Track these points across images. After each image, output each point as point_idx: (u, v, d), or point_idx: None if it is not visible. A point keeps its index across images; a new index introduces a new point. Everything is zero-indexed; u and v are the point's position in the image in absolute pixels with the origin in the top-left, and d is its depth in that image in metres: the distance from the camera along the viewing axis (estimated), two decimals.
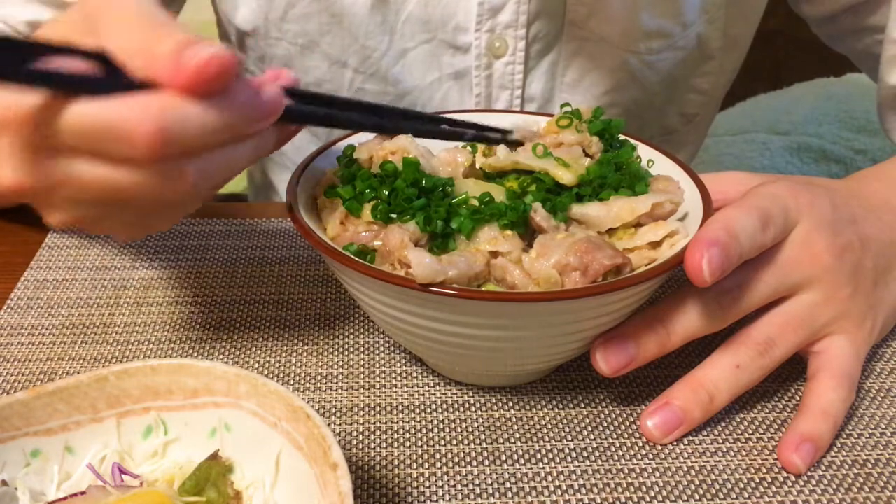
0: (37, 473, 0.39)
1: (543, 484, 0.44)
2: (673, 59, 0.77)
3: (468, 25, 0.71)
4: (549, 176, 0.48)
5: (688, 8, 0.73)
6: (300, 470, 0.37)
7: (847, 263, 0.47)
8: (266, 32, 0.75)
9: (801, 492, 0.43)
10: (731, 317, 0.46)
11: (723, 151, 1.37)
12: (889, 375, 0.52)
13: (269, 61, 0.78)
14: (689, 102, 0.83)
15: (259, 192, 1.00)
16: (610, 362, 0.45)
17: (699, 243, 0.42)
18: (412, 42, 0.73)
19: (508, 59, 0.73)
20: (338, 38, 0.73)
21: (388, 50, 0.73)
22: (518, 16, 0.70)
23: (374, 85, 0.75)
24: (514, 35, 0.71)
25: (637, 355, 0.45)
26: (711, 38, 0.77)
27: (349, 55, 0.74)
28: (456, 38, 0.72)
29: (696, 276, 0.42)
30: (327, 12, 0.72)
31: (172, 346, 0.53)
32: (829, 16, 0.75)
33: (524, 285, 0.42)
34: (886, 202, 0.52)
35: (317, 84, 0.76)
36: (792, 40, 1.61)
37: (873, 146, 1.29)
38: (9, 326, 0.55)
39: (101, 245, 0.63)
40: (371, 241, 0.45)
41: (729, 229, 0.43)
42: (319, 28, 0.73)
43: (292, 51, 0.75)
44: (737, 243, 0.43)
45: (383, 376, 0.51)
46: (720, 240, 0.42)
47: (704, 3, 0.74)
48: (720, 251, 0.42)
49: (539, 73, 0.75)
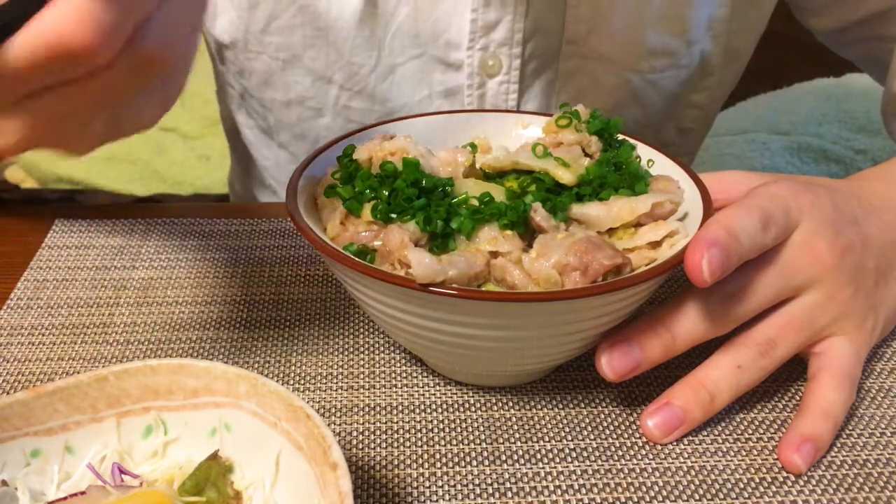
0: (37, 473, 0.39)
1: (543, 484, 0.44)
2: (676, 78, 0.74)
3: (461, 42, 0.68)
4: (548, 176, 0.48)
5: (694, 25, 0.71)
6: (300, 470, 0.37)
7: (848, 264, 0.47)
8: (246, 45, 0.71)
9: (801, 492, 0.43)
10: (736, 320, 0.46)
11: (723, 151, 1.37)
12: (889, 375, 0.52)
13: (248, 76, 0.75)
14: (685, 117, 0.81)
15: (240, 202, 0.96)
16: (615, 368, 0.45)
17: (699, 243, 0.42)
18: (401, 58, 0.69)
19: (502, 79, 0.69)
20: (322, 52, 0.70)
21: (377, 66, 0.70)
22: (513, 33, 0.67)
23: (360, 102, 0.72)
24: (509, 53, 0.68)
25: (642, 360, 0.45)
26: (714, 54, 0.75)
27: (334, 71, 0.70)
28: (447, 55, 0.69)
29: (696, 277, 0.42)
30: (311, 25, 0.68)
31: (172, 346, 0.53)
32: (837, 29, 0.73)
33: (524, 285, 0.42)
34: (887, 202, 0.52)
35: (299, 101, 0.73)
36: (792, 41, 1.61)
37: (873, 146, 1.29)
38: (9, 326, 0.55)
39: (101, 245, 0.63)
40: (371, 241, 0.45)
41: (729, 229, 0.42)
42: (303, 41, 0.69)
43: (273, 65, 0.71)
44: (737, 243, 0.42)
45: (383, 376, 0.51)
46: (720, 240, 0.42)
47: (710, 20, 0.72)
48: (720, 251, 0.41)
49: (534, 93, 0.72)
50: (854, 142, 1.32)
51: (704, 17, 0.71)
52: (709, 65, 0.76)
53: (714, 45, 0.74)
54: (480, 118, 0.58)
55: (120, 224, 0.66)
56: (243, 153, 0.86)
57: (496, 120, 0.57)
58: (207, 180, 1.69)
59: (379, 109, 0.72)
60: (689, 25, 0.71)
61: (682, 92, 0.77)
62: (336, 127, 0.74)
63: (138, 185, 1.69)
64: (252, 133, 0.82)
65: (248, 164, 0.88)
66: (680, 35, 0.71)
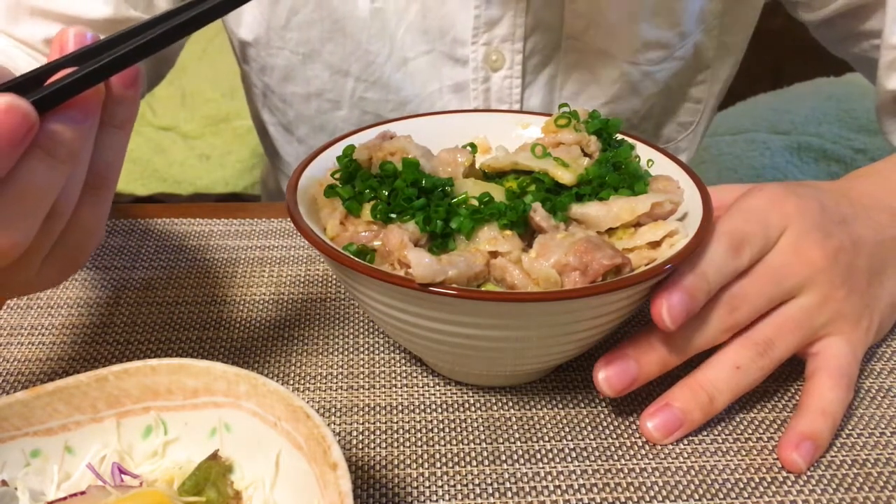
0: (37, 473, 0.39)
1: (543, 484, 0.44)
2: (671, 69, 0.77)
3: (465, 38, 0.71)
4: (548, 176, 0.48)
5: (686, 18, 0.73)
6: (300, 470, 0.37)
7: (840, 265, 0.47)
8: (268, 42, 0.75)
9: (801, 491, 0.43)
10: (732, 328, 0.46)
11: (723, 151, 1.37)
12: (889, 375, 0.52)
13: (269, 72, 0.78)
14: (684, 111, 0.83)
15: (272, 198, 1.00)
16: (612, 384, 0.45)
17: (661, 292, 0.43)
18: (412, 52, 0.73)
19: (506, 73, 0.73)
20: (339, 46, 0.73)
21: (390, 56, 0.73)
22: (515, 29, 0.70)
23: (375, 93, 0.75)
24: (511, 48, 0.71)
25: (639, 376, 0.45)
26: (707, 46, 0.77)
27: (351, 63, 0.74)
28: (454, 51, 0.72)
29: (660, 325, 0.43)
30: (329, 19, 0.72)
31: (172, 346, 0.53)
32: (825, 20, 0.75)
33: (523, 285, 0.42)
34: (877, 201, 0.52)
35: (318, 94, 0.76)
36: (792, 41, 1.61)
37: (873, 146, 1.30)
38: (9, 326, 0.55)
39: (101, 245, 0.63)
40: (371, 241, 0.45)
41: (696, 268, 0.44)
42: (321, 36, 0.73)
43: (294, 60, 0.75)
44: (703, 282, 0.44)
45: (383, 376, 0.51)
46: (683, 284, 0.43)
47: (702, 12, 0.74)
48: (681, 297, 0.43)
49: (537, 87, 0.74)
50: (854, 141, 1.32)
51: (696, 9, 0.74)
52: (703, 57, 0.78)
53: (707, 37, 0.77)
54: (481, 118, 0.58)
55: (120, 224, 0.66)
56: (271, 150, 0.90)
57: (497, 120, 0.57)
58: (207, 180, 1.69)
59: (393, 99, 0.75)
60: (682, 18, 0.73)
61: (680, 85, 0.79)
62: (353, 118, 0.77)
63: (138, 185, 1.68)
64: (275, 130, 0.85)
65: (275, 161, 0.92)
66: (673, 27, 0.73)
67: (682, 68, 0.77)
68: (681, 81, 0.79)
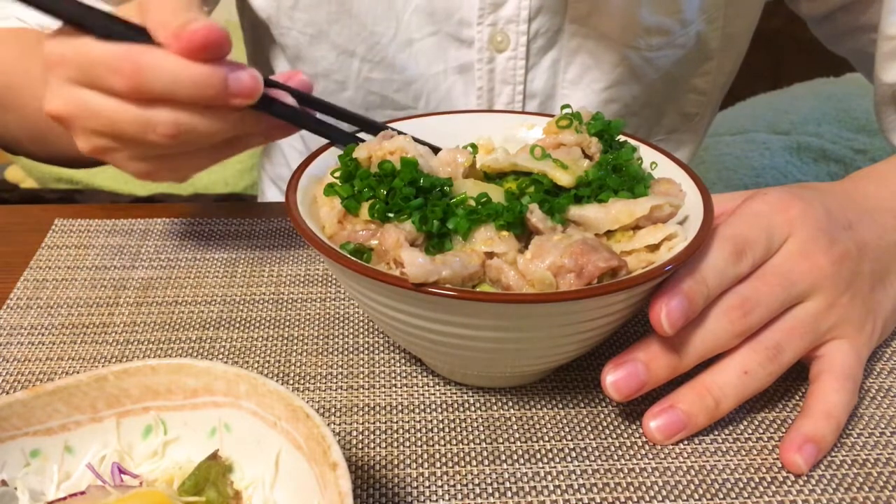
0: (36, 473, 0.39)
1: (543, 484, 0.44)
2: (672, 57, 0.77)
3: (471, 18, 0.72)
4: (547, 177, 0.48)
5: (687, 6, 0.74)
6: (300, 469, 0.37)
7: (845, 271, 0.47)
8: (277, 22, 0.76)
9: (801, 491, 0.43)
10: (743, 333, 0.46)
11: (723, 151, 1.37)
12: (889, 375, 0.52)
13: (280, 52, 0.79)
14: (688, 102, 0.83)
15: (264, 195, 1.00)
16: (621, 389, 0.45)
17: (660, 295, 0.43)
18: (418, 34, 0.73)
19: (510, 54, 0.73)
20: (346, 27, 0.74)
21: (396, 35, 0.73)
22: (519, 10, 0.71)
23: (380, 73, 0.76)
24: (516, 30, 0.72)
25: (648, 380, 0.45)
26: (711, 37, 0.78)
27: (357, 43, 0.74)
28: (460, 32, 0.73)
29: (659, 330, 0.43)
30: (336, 0, 0.72)
31: (172, 346, 0.53)
32: (824, 14, 0.76)
33: (518, 286, 0.42)
34: (880, 203, 0.52)
35: (325, 74, 0.77)
36: (792, 40, 1.61)
37: (873, 146, 1.30)
38: (8, 326, 0.55)
39: (101, 245, 0.63)
40: (368, 241, 0.45)
41: (695, 273, 0.44)
42: (328, 17, 0.73)
43: (302, 40, 0.76)
44: (702, 287, 0.44)
45: (383, 376, 0.51)
46: (682, 289, 0.43)
47: (703, 2, 0.74)
48: (680, 302, 0.43)
49: (541, 69, 0.75)
50: (854, 141, 1.32)
51: None
52: (707, 48, 0.78)
53: (710, 27, 0.77)
54: (486, 118, 0.58)
55: (120, 224, 0.66)
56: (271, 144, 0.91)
57: (497, 120, 0.57)
58: (207, 180, 1.69)
59: (398, 79, 0.76)
60: (683, 4, 0.74)
61: (682, 74, 0.80)
62: (358, 99, 0.78)
63: (138, 185, 1.68)
64: None
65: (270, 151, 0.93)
66: (673, 14, 0.74)
67: (683, 57, 0.78)
68: (683, 71, 0.79)
